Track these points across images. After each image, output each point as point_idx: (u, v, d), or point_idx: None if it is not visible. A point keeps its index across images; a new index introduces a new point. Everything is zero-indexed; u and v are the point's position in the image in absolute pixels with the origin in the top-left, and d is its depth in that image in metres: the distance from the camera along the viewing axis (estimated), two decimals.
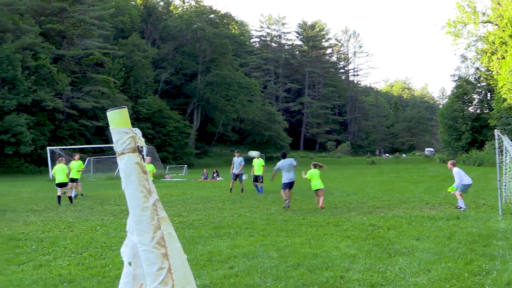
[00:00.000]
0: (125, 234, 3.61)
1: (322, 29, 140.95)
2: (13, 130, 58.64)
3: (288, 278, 7.85)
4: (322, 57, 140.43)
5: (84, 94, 72.64)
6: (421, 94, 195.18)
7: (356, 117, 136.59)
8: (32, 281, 8.01)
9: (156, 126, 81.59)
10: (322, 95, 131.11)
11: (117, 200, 22.74)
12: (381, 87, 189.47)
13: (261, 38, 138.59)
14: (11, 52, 61.10)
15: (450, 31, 78.32)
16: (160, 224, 3.30)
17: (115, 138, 3.39)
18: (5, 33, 65.16)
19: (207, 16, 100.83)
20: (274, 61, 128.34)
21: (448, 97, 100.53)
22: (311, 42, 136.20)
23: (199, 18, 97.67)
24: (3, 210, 19.07)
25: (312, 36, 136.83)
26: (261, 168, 25.64)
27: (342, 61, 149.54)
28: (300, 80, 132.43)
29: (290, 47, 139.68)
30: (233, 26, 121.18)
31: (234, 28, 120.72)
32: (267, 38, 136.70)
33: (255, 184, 25.89)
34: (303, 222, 14.17)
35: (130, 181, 3.31)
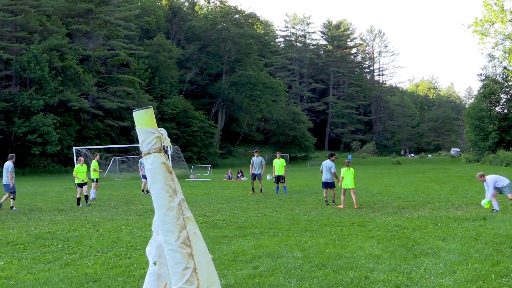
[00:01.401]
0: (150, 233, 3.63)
1: (347, 29, 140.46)
2: (40, 130, 59.27)
3: (312, 278, 7.83)
4: (347, 57, 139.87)
5: (109, 94, 73.20)
6: (447, 93, 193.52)
7: (381, 117, 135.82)
8: (59, 280, 8.08)
9: (181, 126, 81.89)
10: (347, 95, 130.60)
11: (141, 199, 22.86)
12: (407, 87, 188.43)
13: (286, 38, 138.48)
14: (38, 53, 61.82)
15: (477, 30, 77.45)
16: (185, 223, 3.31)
17: (141, 138, 3.41)
18: (33, 34, 65.92)
19: (232, 16, 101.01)
20: (299, 61, 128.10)
21: (474, 97, 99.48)
22: (336, 41, 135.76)
23: (224, 18, 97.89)
24: (30, 210, 19.26)
25: (337, 36, 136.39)
26: (282, 169, 25.40)
27: (367, 60, 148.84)
28: (325, 80, 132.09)
29: (315, 47, 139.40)
30: (258, 26, 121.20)
31: (259, 28, 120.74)
32: (292, 38, 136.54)
33: (277, 186, 25.64)
34: (328, 223, 14.12)
35: (156, 181, 3.33)
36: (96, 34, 76.91)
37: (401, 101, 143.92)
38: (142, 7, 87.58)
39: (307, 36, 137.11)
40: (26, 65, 61.63)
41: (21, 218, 16.49)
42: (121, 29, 78.29)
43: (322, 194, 20.80)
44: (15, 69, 62.98)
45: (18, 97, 61.16)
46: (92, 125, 72.15)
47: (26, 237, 12.45)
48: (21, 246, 11.27)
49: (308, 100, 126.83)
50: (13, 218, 16.68)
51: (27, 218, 16.48)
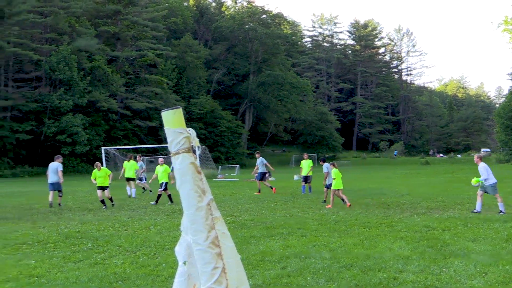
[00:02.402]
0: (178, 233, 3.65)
1: (375, 28, 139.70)
2: (69, 130, 59.86)
3: (340, 279, 7.81)
4: (375, 57, 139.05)
5: (137, 94, 73.69)
6: (477, 93, 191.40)
7: (409, 117, 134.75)
8: (88, 279, 8.16)
9: (208, 126, 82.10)
10: (374, 94, 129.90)
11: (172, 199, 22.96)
12: (435, 87, 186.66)
13: (313, 37, 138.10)
14: (67, 54, 62.44)
15: (507, 29, 76.51)
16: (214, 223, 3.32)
17: (169, 138, 3.42)
18: (62, 36, 66.63)
19: (259, 16, 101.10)
20: (326, 61, 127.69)
21: (505, 96, 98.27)
22: (364, 41, 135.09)
23: (251, 19, 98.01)
24: (60, 209, 19.48)
25: (364, 36, 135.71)
26: (309, 169, 25.75)
27: (395, 60, 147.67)
28: (353, 80, 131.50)
29: (342, 47, 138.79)
30: (285, 26, 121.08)
31: (286, 28, 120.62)
32: (319, 38, 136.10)
33: (303, 186, 25.92)
34: (356, 223, 14.07)
35: (185, 181, 3.33)
36: (124, 35, 77.51)
37: (429, 101, 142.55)
38: (170, 7, 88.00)
39: (334, 36, 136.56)
40: (56, 66, 62.28)
41: (51, 218, 16.69)
42: (149, 29, 78.78)
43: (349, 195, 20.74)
44: (45, 70, 63.69)
45: (48, 97, 61.82)
46: (121, 126, 72.65)
47: (56, 236, 12.59)
48: (52, 245, 11.40)
49: (336, 100, 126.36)
50: (43, 217, 16.88)
51: (57, 218, 16.66)
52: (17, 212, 18.71)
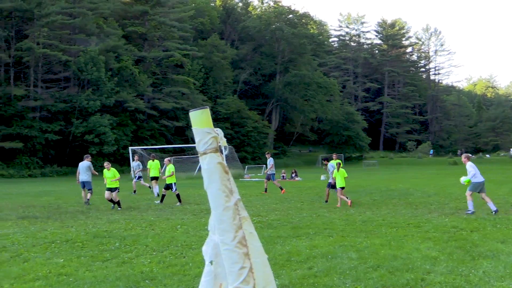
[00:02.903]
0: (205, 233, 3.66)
1: (402, 28, 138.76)
2: (97, 130, 60.36)
3: (367, 280, 7.77)
4: (402, 56, 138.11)
5: (164, 95, 74.08)
6: (506, 92, 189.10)
7: (437, 116, 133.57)
8: (116, 278, 8.22)
9: (235, 126, 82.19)
10: (402, 94, 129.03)
11: (196, 199, 23.05)
12: (464, 86, 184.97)
13: (340, 37, 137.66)
14: (95, 54, 62.97)
15: None
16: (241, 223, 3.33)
17: (197, 138, 3.44)
18: (90, 36, 67.20)
19: (285, 16, 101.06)
20: (353, 61, 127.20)
21: None
22: (391, 40, 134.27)
23: (277, 19, 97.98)
24: (88, 208, 19.66)
25: (391, 35, 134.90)
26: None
27: (423, 59, 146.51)
28: (380, 80, 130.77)
29: (369, 46, 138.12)
30: (312, 26, 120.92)
31: (312, 28, 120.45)
32: (346, 38, 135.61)
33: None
34: (383, 223, 14.00)
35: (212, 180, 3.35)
36: (151, 36, 77.98)
37: (457, 100, 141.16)
38: (197, 8, 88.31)
39: (361, 36, 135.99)
40: (84, 66, 62.83)
41: (79, 217, 16.84)
42: (176, 30, 79.16)
43: (376, 195, 20.64)
44: (73, 71, 64.28)
45: (76, 98, 62.40)
46: (148, 126, 73.06)
47: (84, 236, 12.71)
48: (80, 244, 11.51)
49: (363, 99, 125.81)
50: (72, 216, 17.05)
51: (85, 217, 16.82)
52: (46, 211, 18.92)
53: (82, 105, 61.85)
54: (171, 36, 79.34)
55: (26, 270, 8.92)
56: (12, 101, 60.84)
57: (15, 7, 61.15)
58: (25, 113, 60.81)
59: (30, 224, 15.23)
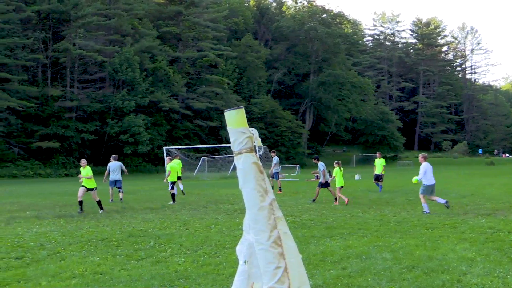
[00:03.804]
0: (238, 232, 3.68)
1: (438, 26, 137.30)
2: (131, 130, 60.92)
3: (402, 280, 7.71)
4: (438, 55, 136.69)
5: (198, 95, 74.44)
6: None
7: (473, 116, 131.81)
8: (151, 277, 8.27)
9: (268, 126, 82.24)
10: (437, 93, 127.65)
11: (230, 199, 23.09)
12: (501, 85, 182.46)
13: (374, 36, 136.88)
14: (130, 55, 63.55)
15: None
16: (276, 223, 3.33)
17: (232, 138, 3.44)
18: (125, 37, 67.87)
19: (319, 16, 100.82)
20: (388, 60, 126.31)
21: None
22: (426, 39, 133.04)
23: (311, 18, 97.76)
24: (123, 208, 19.83)
25: (427, 34, 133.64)
26: (381, 168, 26.80)
27: (459, 58, 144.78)
28: (415, 79, 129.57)
29: (404, 45, 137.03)
30: (346, 25, 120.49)
31: (346, 27, 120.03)
32: (380, 37, 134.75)
33: (376, 183, 27.07)
34: (418, 224, 13.87)
35: (248, 180, 3.35)
36: (185, 36, 78.42)
37: (494, 99, 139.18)
38: (230, 8, 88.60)
39: (396, 35, 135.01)
40: (119, 67, 63.46)
41: (114, 216, 17.00)
42: (210, 30, 79.51)
43: (411, 195, 20.48)
44: (108, 71, 64.96)
45: (111, 98, 63.07)
46: (182, 125, 73.48)
47: (119, 235, 12.82)
48: (115, 243, 11.61)
49: (397, 99, 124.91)
50: (107, 215, 17.22)
51: (120, 216, 16.97)
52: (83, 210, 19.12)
53: (117, 105, 62.49)
54: (205, 36, 79.70)
55: (63, 268, 9.03)
56: (49, 102, 61.78)
57: (52, 9, 62.10)
58: (62, 113, 61.68)
59: (66, 223, 15.42)
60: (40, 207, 20.78)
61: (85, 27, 64.98)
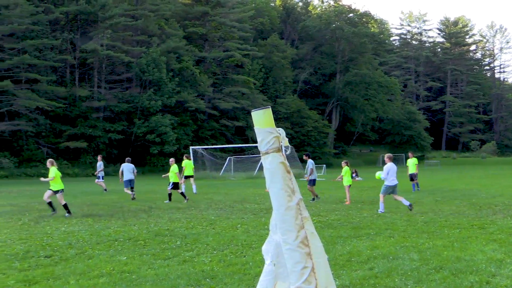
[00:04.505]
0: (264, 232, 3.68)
1: (466, 25, 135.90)
2: (158, 130, 61.22)
3: (430, 281, 7.65)
4: (466, 54, 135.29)
5: (225, 95, 74.61)
6: None
7: (502, 115, 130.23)
8: (177, 276, 8.31)
9: (295, 126, 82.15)
10: (465, 93, 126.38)
11: (256, 198, 23.10)
12: None
13: (401, 36, 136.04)
14: (157, 55, 63.88)
15: None
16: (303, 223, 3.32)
17: (259, 138, 3.44)
18: (152, 38, 68.27)
19: (346, 15, 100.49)
20: (415, 59, 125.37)
21: None
22: (454, 38, 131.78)
23: (337, 18, 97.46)
24: (149, 207, 19.94)
25: (455, 33, 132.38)
26: (414, 167, 27.24)
27: (487, 57, 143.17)
28: (442, 78, 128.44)
29: (432, 45, 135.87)
30: (372, 24, 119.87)
31: (373, 26, 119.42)
32: (407, 36, 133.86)
33: (413, 184, 27.16)
34: (445, 224, 13.76)
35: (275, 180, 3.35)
36: (211, 36, 78.65)
37: None
38: (256, 8, 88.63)
39: (423, 34, 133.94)
40: (145, 67, 63.83)
41: (141, 216, 17.10)
42: (236, 30, 79.66)
43: (439, 196, 20.31)
44: (135, 72, 65.38)
45: (138, 98, 63.46)
46: (208, 125, 73.69)
47: (146, 234, 12.90)
48: (142, 242, 11.69)
49: (425, 99, 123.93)
50: (134, 215, 17.32)
51: (147, 216, 17.06)
52: (109, 209, 19.29)
53: (144, 105, 62.86)
54: (231, 36, 79.86)
55: (91, 267, 9.11)
56: (77, 102, 62.36)
57: (80, 10, 62.71)
58: (89, 113, 62.22)
59: (94, 222, 15.55)
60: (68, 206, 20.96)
61: (112, 28, 65.46)
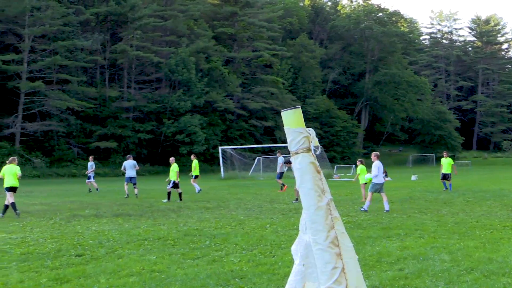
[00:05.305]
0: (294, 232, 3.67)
1: (498, 24, 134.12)
2: (187, 130, 61.46)
3: (461, 283, 7.57)
4: (498, 53, 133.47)
5: (253, 95, 74.67)
6: None
7: None
8: (206, 276, 8.33)
9: (324, 126, 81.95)
10: (497, 92, 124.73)
11: (285, 198, 23.08)
12: None
13: (431, 35, 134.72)
14: (186, 55, 64.14)
15: None
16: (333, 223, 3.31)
17: (289, 138, 3.44)
18: (181, 38, 68.60)
19: (375, 14, 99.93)
20: (445, 59, 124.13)
21: None
22: (485, 37, 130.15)
23: (367, 17, 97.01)
24: (179, 207, 20.03)
25: (486, 31, 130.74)
26: (449, 167, 27.21)
27: None
28: (473, 78, 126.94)
29: (462, 44, 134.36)
30: (402, 23, 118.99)
31: (403, 25, 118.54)
32: (437, 35, 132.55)
33: (443, 182, 27.15)
34: (477, 225, 13.61)
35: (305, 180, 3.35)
36: (240, 36, 78.78)
37: None
38: (285, 8, 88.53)
39: (453, 33, 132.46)
40: (175, 68, 64.13)
41: (171, 215, 17.18)
42: (265, 30, 79.67)
43: (469, 196, 20.11)
44: (164, 72, 65.75)
45: (168, 98, 63.80)
46: (237, 125, 73.79)
47: (175, 233, 12.95)
48: (171, 242, 11.74)
49: (455, 98, 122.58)
50: (163, 214, 17.41)
51: (176, 215, 17.13)
52: (139, 209, 19.42)
53: (173, 105, 63.18)
54: (260, 36, 79.90)
55: (121, 266, 9.18)
56: (107, 102, 62.91)
57: (110, 11, 63.30)
58: (119, 113, 62.76)
59: (124, 222, 15.67)
60: (98, 205, 21.17)
61: (142, 28, 65.92)
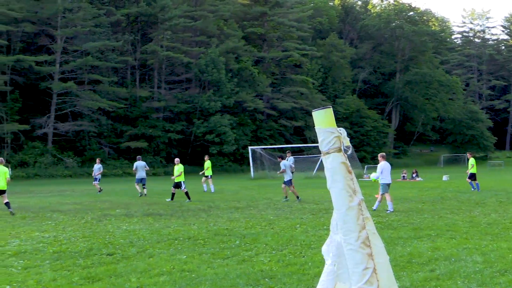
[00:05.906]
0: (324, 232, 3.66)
1: None
2: (217, 130, 61.67)
3: (494, 285, 7.47)
4: None
5: (283, 94, 74.62)
6: None
7: None
8: (236, 275, 8.33)
9: (354, 125, 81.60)
10: None
11: (316, 198, 23.02)
12: None
13: (463, 34, 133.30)
14: (216, 56, 64.34)
15: None
16: (365, 223, 3.29)
17: (320, 138, 3.43)
18: (211, 38, 68.86)
19: (406, 13, 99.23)
20: (477, 58, 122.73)
21: None
22: None
23: (397, 16, 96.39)
24: (209, 207, 20.08)
25: None
26: (470, 166, 26.92)
27: None
28: (506, 77, 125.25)
29: (495, 42, 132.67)
30: (433, 22, 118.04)
31: (434, 24, 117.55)
32: (469, 34, 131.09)
33: (470, 182, 26.88)
34: (510, 226, 13.43)
35: (336, 180, 3.33)
36: (270, 36, 78.81)
37: None
38: (315, 8, 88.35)
39: (486, 31, 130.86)
40: (204, 68, 64.37)
41: (201, 215, 17.23)
42: (295, 30, 79.62)
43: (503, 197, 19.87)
44: (194, 72, 66.04)
45: (198, 99, 64.09)
46: (267, 125, 73.84)
47: (205, 233, 12.99)
48: (201, 241, 11.78)
49: (488, 98, 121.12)
50: (193, 214, 17.47)
51: (206, 215, 17.18)
52: (169, 209, 19.51)
53: (203, 105, 63.43)
54: (290, 36, 79.86)
55: (151, 265, 9.23)
56: (137, 102, 63.41)
57: (141, 12, 63.81)
58: (149, 113, 63.20)
59: (154, 221, 15.75)
60: (129, 205, 21.33)
61: (172, 29, 66.32)
